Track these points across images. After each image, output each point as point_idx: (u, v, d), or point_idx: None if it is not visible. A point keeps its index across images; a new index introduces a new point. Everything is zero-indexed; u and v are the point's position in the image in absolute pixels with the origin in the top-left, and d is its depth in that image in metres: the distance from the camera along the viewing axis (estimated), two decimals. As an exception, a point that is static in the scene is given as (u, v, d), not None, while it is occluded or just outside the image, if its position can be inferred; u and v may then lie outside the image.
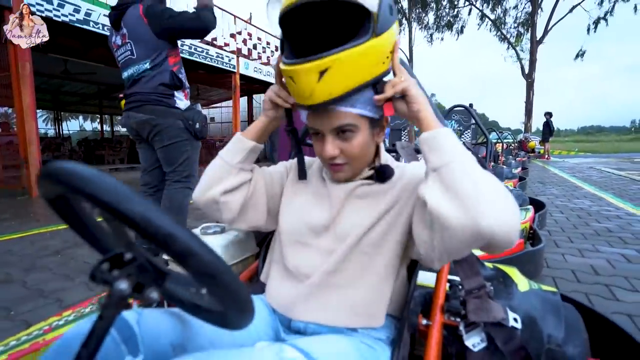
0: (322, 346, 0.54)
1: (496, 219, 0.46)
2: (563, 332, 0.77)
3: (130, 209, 0.30)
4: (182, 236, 0.31)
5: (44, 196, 0.41)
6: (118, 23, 1.67)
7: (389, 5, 0.55)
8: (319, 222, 0.67)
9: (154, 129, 1.65)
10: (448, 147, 0.52)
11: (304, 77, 0.55)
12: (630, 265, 1.83)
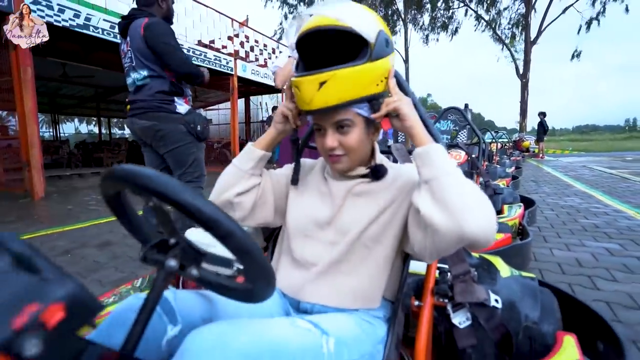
0: (328, 320, 0.64)
1: (477, 226, 0.55)
2: (539, 312, 0.88)
3: (186, 199, 0.39)
4: (225, 221, 0.40)
5: (104, 194, 0.50)
6: (125, 31, 1.77)
7: (385, 39, 0.66)
8: (322, 217, 0.77)
9: (157, 134, 1.74)
10: (438, 162, 0.61)
11: (306, 86, 0.66)
12: (612, 258, 1.94)
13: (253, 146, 0.81)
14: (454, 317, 0.82)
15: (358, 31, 0.62)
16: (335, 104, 0.66)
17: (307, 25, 0.65)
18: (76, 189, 5.98)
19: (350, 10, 0.64)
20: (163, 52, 1.68)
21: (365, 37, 0.63)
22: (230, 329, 0.49)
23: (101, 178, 0.48)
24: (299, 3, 16.04)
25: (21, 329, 0.26)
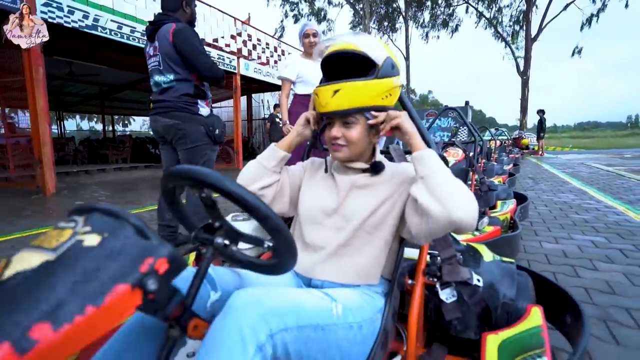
0: (336, 292, 0.79)
1: (463, 211, 0.70)
2: (515, 290, 1.02)
3: (235, 190, 0.54)
4: (263, 207, 0.54)
5: (163, 188, 0.65)
6: (153, 36, 1.89)
7: (391, 64, 0.82)
8: (329, 206, 0.91)
9: (178, 133, 1.89)
10: (431, 163, 0.77)
11: (324, 93, 0.82)
12: (596, 250, 2.09)
13: (276, 147, 0.95)
14: (441, 293, 0.96)
15: (369, 55, 0.78)
16: (345, 109, 0.81)
17: (330, 49, 0.83)
18: (84, 185, 6.13)
19: (364, 40, 0.81)
20: (191, 58, 1.83)
21: (374, 59, 0.79)
22: (263, 292, 0.64)
23: (164, 175, 0.62)
24: (300, 1, 16.14)
25: (145, 272, 0.41)
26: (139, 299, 0.41)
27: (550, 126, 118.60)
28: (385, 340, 0.83)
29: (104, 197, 4.66)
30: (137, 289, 0.40)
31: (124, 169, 9.06)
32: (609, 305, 1.40)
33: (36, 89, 4.70)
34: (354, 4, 15.99)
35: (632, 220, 2.80)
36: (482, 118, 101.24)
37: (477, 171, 2.83)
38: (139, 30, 5.95)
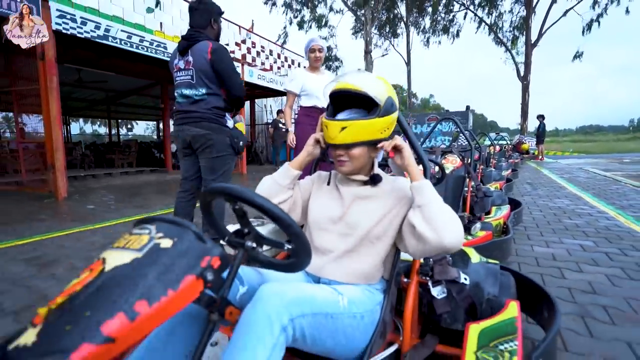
0: (342, 288, 0.93)
1: (452, 238, 0.86)
2: (498, 288, 1.16)
3: (265, 204, 0.68)
4: (286, 217, 0.69)
5: (202, 201, 0.80)
6: (186, 51, 2.02)
7: (391, 103, 0.96)
8: (335, 214, 1.06)
9: (207, 142, 2.03)
10: (427, 194, 0.91)
11: (332, 128, 0.96)
12: (583, 253, 2.22)
13: (289, 166, 1.10)
14: (433, 290, 1.11)
15: (371, 96, 0.92)
16: (350, 142, 0.95)
17: (336, 86, 0.96)
18: (92, 189, 6.29)
19: (368, 81, 0.94)
20: (225, 76, 1.99)
21: (377, 101, 0.93)
22: (285, 286, 0.79)
23: (204, 191, 0.77)
24: (302, 7, 16.37)
25: (204, 267, 0.56)
26: (201, 286, 0.56)
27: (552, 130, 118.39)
28: (383, 330, 0.98)
29: (113, 202, 4.82)
30: (199, 279, 0.55)
31: (130, 173, 9.23)
32: (589, 303, 1.54)
33: (50, 97, 4.89)
34: (356, 10, 16.21)
35: (621, 225, 2.93)
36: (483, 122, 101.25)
37: (474, 178, 2.97)
38: (148, 40, 6.16)
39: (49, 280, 1.97)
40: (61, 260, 2.30)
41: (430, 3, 20.31)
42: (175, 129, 2.17)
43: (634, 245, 2.37)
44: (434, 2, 20.14)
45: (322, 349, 0.84)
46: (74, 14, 5.06)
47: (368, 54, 15.04)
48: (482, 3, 20.34)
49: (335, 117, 0.97)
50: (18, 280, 1.95)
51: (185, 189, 2.21)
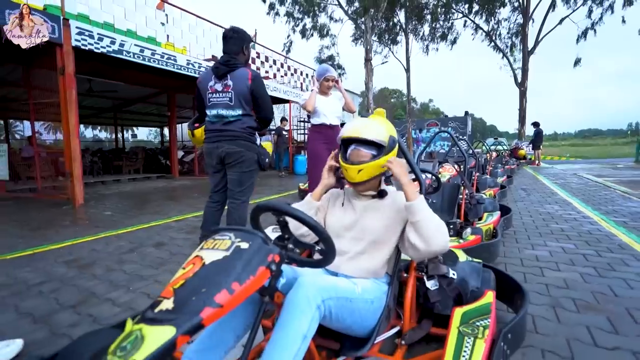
0: (356, 279, 1.21)
1: (438, 246, 1.15)
2: (480, 281, 1.43)
3: (305, 218, 0.96)
4: (319, 226, 0.97)
5: (252, 215, 1.07)
6: (225, 75, 2.28)
7: (393, 140, 1.25)
8: (348, 223, 1.33)
9: (239, 158, 2.32)
10: (420, 212, 1.18)
11: (351, 171, 1.25)
12: (563, 255, 2.49)
13: (311, 198, 1.37)
14: (427, 283, 1.38)
15: (376, 141, 1.20)
16: (366, 179, 1.25)
17: (347, 135, 1.25)
18: (105, 195, 6.56)
19: (372, 128, 1.23)
20: (261, 101, 2.30)
21: (382, 143, 1.21)
22: (317, 277, 1.06)
23: (257, 207, 1.05)
24: (304, 16, 16.75)
25: (270, 261, 0.83)
26: (268, 274, 0.83)
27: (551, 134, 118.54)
28: (388, 314, 1.25)
29: (128, 208, 5.08)
30: (267, 269, 0.82)
31: (137, 179, 9.51)
32: (561, 296, 1.81)
33: (69, 109, 5.18)
34: (356, 19, 16.59)
35: (602, 229, 3.21)
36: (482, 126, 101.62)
37: (467, 187, 3.25)
38: (159, 53, 6.47)
39: (91, 279, 2.23)
40: (97, 263, 2.56)
41: (429, 11, 20.72)
42: (209, 146, 2.41)
43: (609, 248, 2.64)
44: (432, 11, 20.56)
45: (342, 326, 1.11)
46: (92, 30, 5.37)
47: (368, 62, 15.38)
48: (479, 11, 20.75)
49: (347, 154, 1.27)
50: (65, 280, 2.21)
51: (215, 200, 2.51)
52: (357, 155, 1.25)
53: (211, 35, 8.08)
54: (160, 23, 6.79)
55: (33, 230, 3.66)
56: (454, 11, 20.84)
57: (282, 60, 10.80)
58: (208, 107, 2.39)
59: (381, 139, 1.22)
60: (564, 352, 1.33)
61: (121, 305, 1.85)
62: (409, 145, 22.42)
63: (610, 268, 2.21)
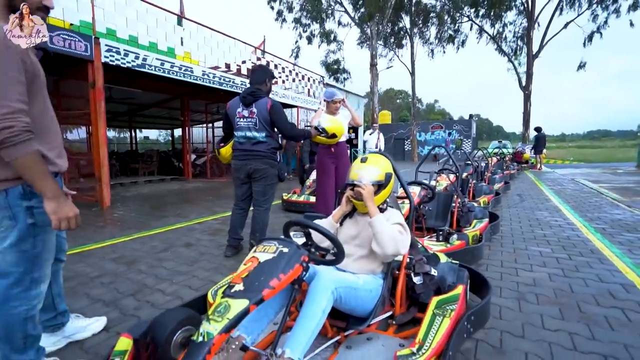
0: (359, 274, 1.64)
1: (391, 252, 1.57)
2: (455, 278, 1.84)
3: (324, 231, 1.39)
4: (335, 238, 1.39)
5: (285, 228, 1.50)
6: (251, 103, 2.78)
7: (389, 175, 1.69)
8: (354, 233, 1.76)
9: (265, 173, 2.82)
10: (376, 226, 1.59)
11: (361, 205, 1.69)
12: (539, 257, 2.88)
13: (332, 219, 1.79)
14: (414, 279, 1.80)
15: (376, 182, 1.63)
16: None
17: (351, 177, 1.70)
18: (126, 198, 7.06)
19: (371, 170, 1.66)
20: (278, 124, 2.80)
21: (380, 182, 1.64)
22: (330, 272, 1.49)
23: (289, 222, 1.48)
24: (311, 22, 17.22)
25: (302, 260, 1.26)
26: (301, 269, 1.25)
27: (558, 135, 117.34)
28: (383, 301, 1.67)
29: (152, 210, 5.55)
30: (300, 266, 1.25)
31: (153, 181, 10.03)
32: (527, 292, 2.21)
33: (99, 119, 5.68)
34: (361, 24, 16.99)
35: (581, 235, 3.58)
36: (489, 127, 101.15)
37: (460, 196, 3.66)
38: (177, 65, 6.95)
39: (139, 274, 2.68)
40: (139, 260, 3.02)
41: (435, 15, 21.04)
42: (238, 163, 2.90)
43: (581, 252, 3.02)
44: (438, 14, 20.88)
45: (348, 308, 1.53)
46: (119, 47, 5.86)
47: (373, 67, 15.79)
48: (485, 14, 20.98)
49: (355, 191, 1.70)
50: (118, 274, 2.67)
51: (241, 207, 3.00)
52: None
53: (224, 46, 8.56)
54: (180, 38, 7.27)
55: (73, 230, 4.12)
56: (459, 15, 21.11)
57: (291, 67, 11.24)
58: (236, 130, 2.88)
59: (376, 179, 1.66)
60: (518, 333, 1.74)
61: (170, 295, 2.29)
62: (413, 148, 22.78)
63: (576, 269, 2.60)
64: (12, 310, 1.24)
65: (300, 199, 5.12)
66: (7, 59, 1.11)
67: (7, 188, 1.18)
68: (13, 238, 1.21)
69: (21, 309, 1.26)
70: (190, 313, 1.44)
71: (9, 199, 1.19)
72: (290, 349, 1.19)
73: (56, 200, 1.20)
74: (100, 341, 1.74)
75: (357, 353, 1.44)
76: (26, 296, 1.27)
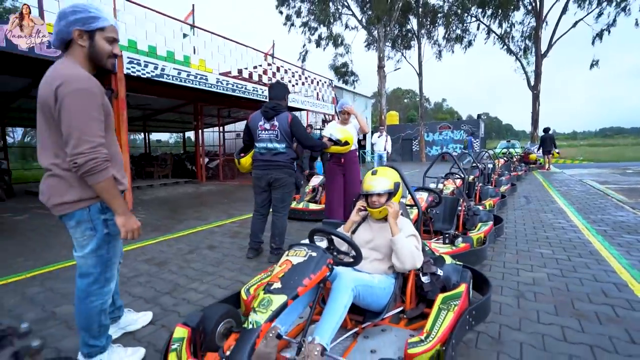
0: (373, 275, 1.88)
1: (410, 265, 1.82)
2: (459, 277, 2.07)
3: (343, 237, 1.63)
4: (354, 243, 1.63)
5: (310, 234, 1.75)
6: (272, 117, 3.05)
7: (398, 185, 1.95)
8: (368, 239, 2.00)
9: (283, 182, 3.08)
10: (397, 243, 1.84)
11: (374, 212, 1.95)
12: (540, 258, 3.08)
13: (344, 229, 2.04)
14: (422, 278, 2.03)
15: (386, 192, 1.87)
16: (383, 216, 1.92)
17: (365, 189, 1.95)
18: (145, 201, 7.39)
19: (382, 182, 1.91)
20: (298, 135, 3.07)
21: (389, 191, 1.88)
22: (350, 272, 1.73)
23: (314, 229, 1.72)
24: (319, 25, 17.49)
25: (328, 263, 1.51)
26: (327, 271, 1.50)
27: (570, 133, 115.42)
28: (395, 298, 1.90)
29: (172, 214, 5.86)
30: (327, 267, 1.50)
31: (168, 184, 10.38)
32: (527, 290, 2.42)
33: (121, 128, 6.01)
34: (369, 27, 17.18)
35: (582, 237, 3.76)
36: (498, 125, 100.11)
37: (466, 200, 3.87)
38: (192, 74, 7.26)
39: (171, 274, 2.96)
40: (168, 261, 3.30)
41: (443, 15, 21.09)
42: (259, 172, 3.16)
43: (581, 253, 3.21)
44: (446, 15, 20.93)
45: (365, 303, 1.77)
46: (139, 59, 6.19)
47: (381, 69, 15.97)
48: (493, 14, 20.95)
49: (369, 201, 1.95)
50: (152, 274, 2.95)
51: (261, 213, 3.25)
52: (376, 202, 1.93)
53: (236, 54, 8.87)
54: (193, 47, 7.59)
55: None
56: (467, 15, 21.12)
57: (300, 71, 11.51)
58: (257, 141, 3.14)
59: (387, 189, 1.89)
60: (515, 326, 1.96)
61: (202, 293, 2.56)
62: (421, 148, 22.88)
63: (574, 270, 2.80)
64: (91, 304, 1.53)
65: (300, 206, 5.10)
66: (92, 102, 1.38)
67: (90, 205, 1.46)
68: (93, 245, 1.49)
69: (97, 303, 1.54)
70: (229, 308, 1.71)
71: (90, 214, 1.47)
72: (319, 337, 1.44)
73: (125, 216, 1.47)
74: (150, 332, 2.02)
75: (373, 342, 1.69)
76: (101, 292, 1.55)
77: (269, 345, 1.44)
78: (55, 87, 1.31)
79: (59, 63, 1.42)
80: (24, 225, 5.07)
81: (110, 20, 1.47)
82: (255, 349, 1.29)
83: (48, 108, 1.36)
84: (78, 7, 1.39)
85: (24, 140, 23.84)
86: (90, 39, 1.42)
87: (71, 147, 1.32)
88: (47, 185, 1.45)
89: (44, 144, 1.44)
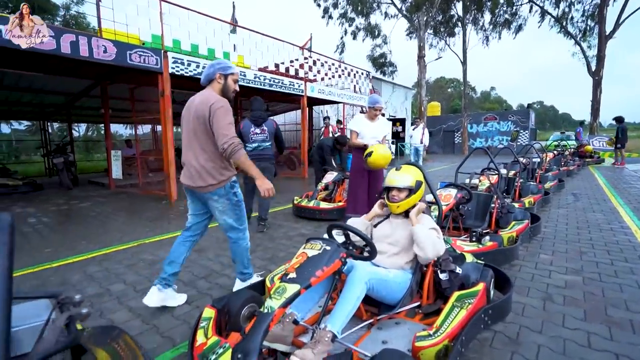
0: (389, 269, 1.94)
1: (431, 254, 1.85)
2: (479, 276, 2.05)
3: (359, 233, 1.71)
4: (369, 238, 1.71)
5: (328, 230, 1.85)
6: (261, 124, 4.11)
7: (419, 183, 1.98)
8: (387, 233, 2.05)
9: (268, 169, 4.01)
10: (417, 234, 1.88)
11: (393, 206, 2.00)
12: (579, 262, 2.90)
13: (365, 219, 2.11)
14: (440, 275, 2.05)
15: (406, 187, 1.92)
16: (402, 211, 1.98)
17: (387, 183, 2.01)
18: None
19: (403, 177, 1.96)
20: (280, 139, 4.35)
21: (410, 188, 1.92)
22: (365, 266, 1.81)
23: (332, 225, 1.82)
24: (357, 16, 17.22)
25: (341, 257, 1.60)
26: (340, 264, 1.59)
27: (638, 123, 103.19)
28: (411, 292, 1.95)
29: (213, 204, 6.25)
30: (340, 261, 1.59)
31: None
32: (556, 293, 2.33)
33: (167, 124, 6.48)
34: (410, 16, 16.61)
35: (633, 240, 3.46)
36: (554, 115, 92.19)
37: (500, 197, 3.73)
38: (232, 71, 7.58)
39: (208, 261, 3.22)
40: (207, 249, 3.58)
41: None
42: None
43: (627, 258, 2.97)
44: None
45: (379, 296, 1.84)
46: (182, 58, 6.60)
47: (421, 59, 15.42)
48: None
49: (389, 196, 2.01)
50: (192, 260, 3.23)
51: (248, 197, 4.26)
52: (396, 197, 1.98)
53: (274, 49, 9.08)
54: (233, 45, 7.92)
55: (152, 221, 4.90)
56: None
57: (337, 64, 11.50)
58: (251, 142, 4.12)
59: (408, 185, 1.93)
60: (536, 329, 1.92)
61: (233, 279, 2.77)
62: (464, 140, 21.84)
63: (614, 275, 2.62)
64: (241, 245, 2.35)
65: (310, 204, 4.93)
66: (229, 114, 2.08)
67: (226, 183, 2.18)
68: (231, 211, 2.25)
69: (244, 243, 2.36)
70: (253, 294, 1.87)
71: (226, 189, 2.19)
72: (330, 324, 1.54)
73: (261, 179, 2.17)
74: (185, 312, 2.25)
75: (386, 333, 1.76)
76: (244, 236, 2.36)
77: (285, 329, 1.57)
78: (209, 105, 2.03)
79: (206, 91, 2.14)
80: (87, 212, 5.72)
81: (236, 69, 2.23)
82: (269, 330, 1.43)
83: (203, 118, 2.05)
84: (221, 61, 2.24)
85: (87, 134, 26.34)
86: (224, 79, 2.17)
87: (221, 140, 2.02)
88: (196, 174, 2.15)
89: (192, 145, 2.14)
